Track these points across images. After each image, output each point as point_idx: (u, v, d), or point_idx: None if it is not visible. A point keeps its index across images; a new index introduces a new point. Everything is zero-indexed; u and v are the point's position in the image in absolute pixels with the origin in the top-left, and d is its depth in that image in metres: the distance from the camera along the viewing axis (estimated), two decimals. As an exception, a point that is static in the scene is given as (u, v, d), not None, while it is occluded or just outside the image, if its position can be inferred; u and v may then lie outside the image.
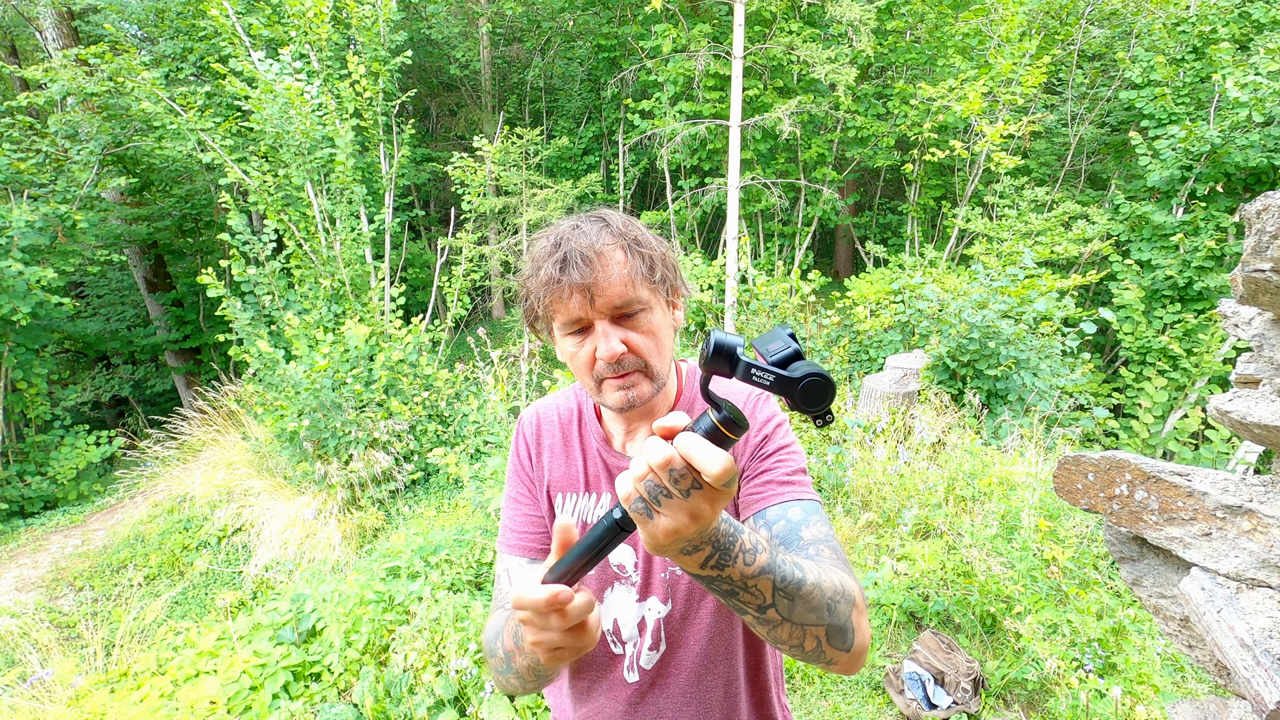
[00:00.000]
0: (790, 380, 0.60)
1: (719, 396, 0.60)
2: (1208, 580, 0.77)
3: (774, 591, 0.65)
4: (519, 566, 0.97)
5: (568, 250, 0.84)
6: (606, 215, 0.90)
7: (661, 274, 0.90)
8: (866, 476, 3.64)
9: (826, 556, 0.79)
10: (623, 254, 0.86)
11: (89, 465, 6.56)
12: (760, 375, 0.60)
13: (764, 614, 0.66)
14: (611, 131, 11.50)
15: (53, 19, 8.22)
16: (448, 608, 2.55)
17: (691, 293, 1.03)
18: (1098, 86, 9.17)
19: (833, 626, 0.69)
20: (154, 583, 4.53)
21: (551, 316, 0.87)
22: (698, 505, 0.56)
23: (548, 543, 0.98)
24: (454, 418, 5.43)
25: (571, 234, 0.86)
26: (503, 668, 0.82)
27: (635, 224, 0.91)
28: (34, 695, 2.47)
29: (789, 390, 0.61)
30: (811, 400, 0.60)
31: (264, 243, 5.68)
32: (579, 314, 0.85)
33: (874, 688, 2.58)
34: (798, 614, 0.67)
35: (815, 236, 9.96)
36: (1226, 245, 6.48)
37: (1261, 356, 0.77)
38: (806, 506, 0.87)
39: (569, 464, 1.00)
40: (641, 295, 0.86)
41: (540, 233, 0.92)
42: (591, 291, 0.83)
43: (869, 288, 7.01)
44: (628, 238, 0.88)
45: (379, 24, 6.46)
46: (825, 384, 0.60)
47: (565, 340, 0.88)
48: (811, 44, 7.78)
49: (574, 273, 0.82)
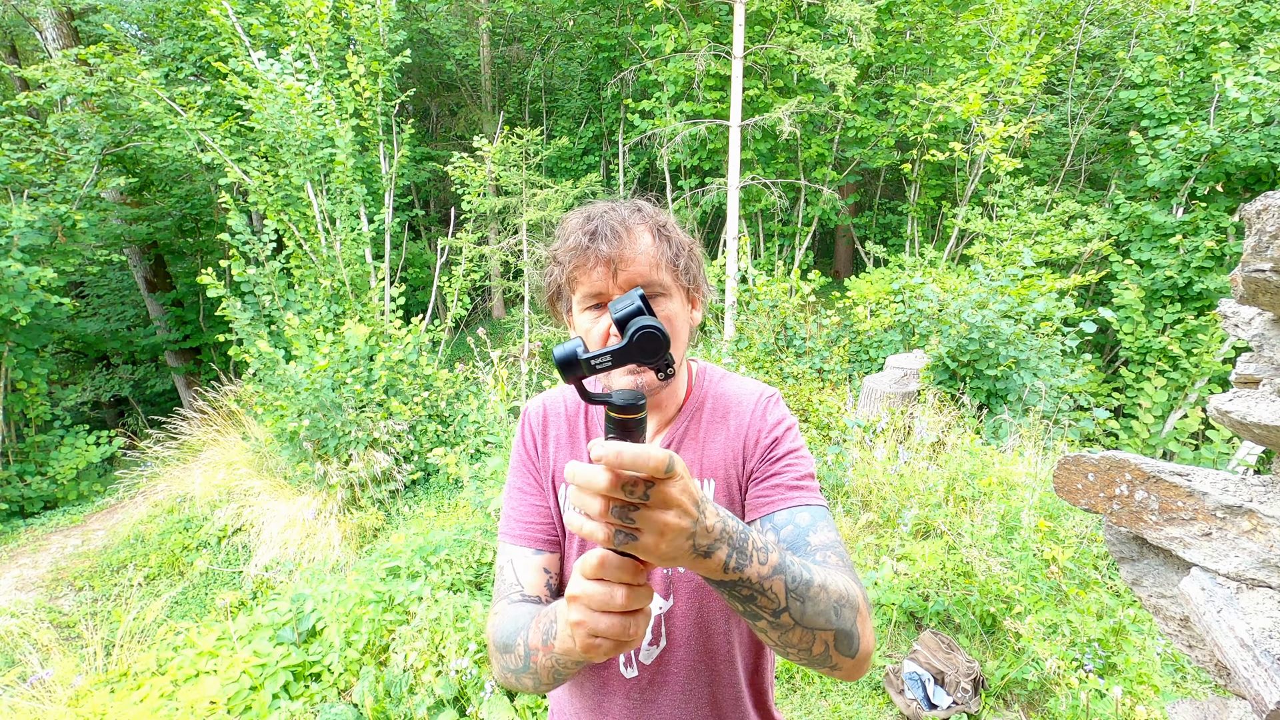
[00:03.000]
0: (623, 348, 0.63)
1: (598, 393, 0.62)
2: (1208, 580, 0.77)
3: (787, 593, 0.64)
4: (525, 557, 0.95)
5: (599, 224, 0.87)
6: (640, 203, 0.94)
7: (686, 265, 0.92)
8: (866, 476, 3.64)
9: (833, 562, 0.79)
10: (651, 236, 0.89)
11: (89, 465, 6.56)
12: (599, 361, 0.63)
13: (778, 618, 0.65)
14: (611, 131, 11.50)
15: (53, 19, 8.22)
16: (448, 608, 2.55)
17: (712, 295, 1.04)
18: (1098, 86, 9.17)
19: (840, 631, 0.69)
20: (154, 583, 4.53)
21: (574, 286, 0.89)
22: (665, 496, 0.54)
23: (555, 533, 0.97)
24: (454, 418, 5.43)
25: (605, 211, 0.90)
26: (518, 666, 0.79)
27: (668, 215, 0.95)
28: (34, 695, 2.47)
29: (628, 356, 0.63)
30: (647, 351, 0.63)
31: (264, 243, 5.68)
32: (601, 287, 0.87)
33: (874, 688, 2.58)
34: (808, 617, 0.66)
35: (815, 236, 9.96)
36: (1226, 245, 6.47)
37: (1261, 356, 0.77)
38: (815, 512, 0.87)
39: (575, 454, 0.99)
40: (664, 280, 0.89)
41: (572, 210, 0.95)
42: (616, 264, 0.85)
43: (869, 288, 7.01)
44: (659, 222, 0.92)
45: (378, 24, 6.46)
46: (656, 333, 0.62)
47: (582, 315, 0.90)
48: (811, 44, 7.78)
49: (602, 244, 0.85)
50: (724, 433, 0.95)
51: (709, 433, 0.96)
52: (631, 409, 0.58)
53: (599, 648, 0.59)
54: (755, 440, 0.94)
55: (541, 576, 0.94)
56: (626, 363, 0.63)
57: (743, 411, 0.96)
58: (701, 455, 0.95)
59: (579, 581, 0.59)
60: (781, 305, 5.66)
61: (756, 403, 0.97)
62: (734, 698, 0.97)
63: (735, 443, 0.94)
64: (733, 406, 0.97)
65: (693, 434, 0.96)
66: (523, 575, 0.93)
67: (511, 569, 0.95)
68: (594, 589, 0.58)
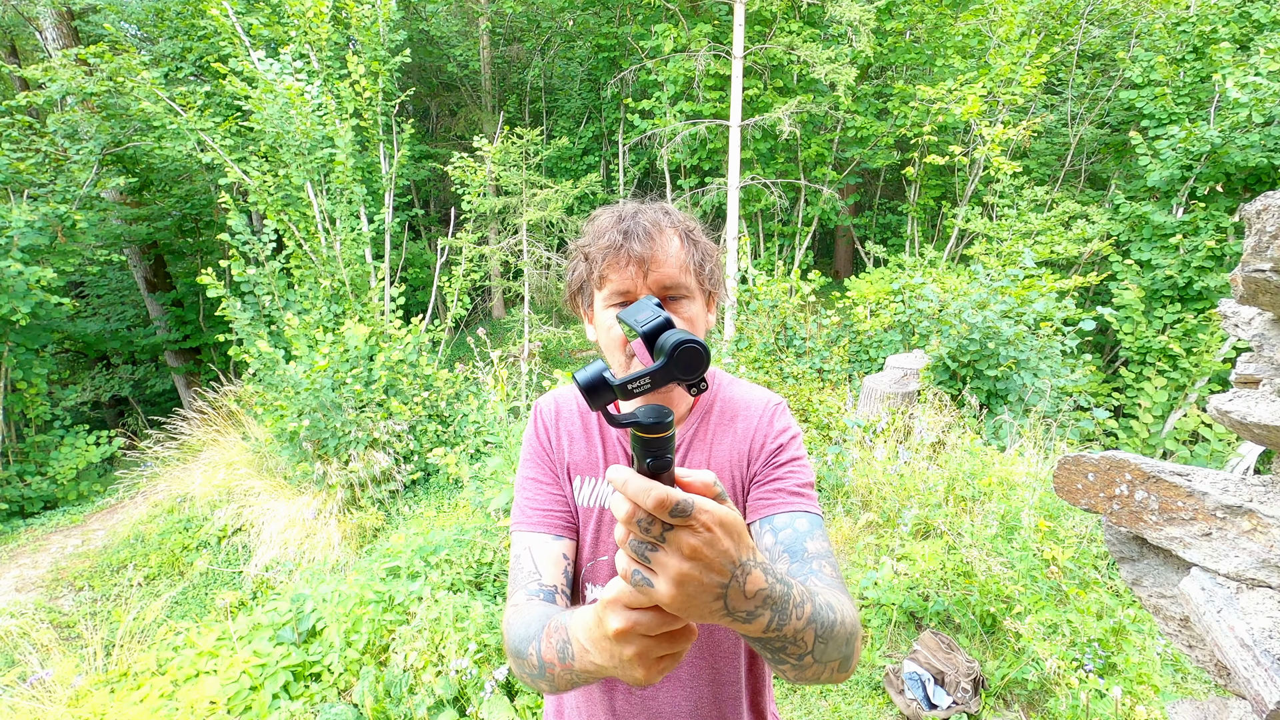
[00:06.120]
0: (663, 367, 0.59)
1: (622, 414, 0.57)
2: (1208, 580, 0.77)
3: (815, 640, 0.63)
4: (543, 543, 0.94)
5: (632, 224, 0.90)
6: (668, 207, 0.97)
7: (710, 270, 0.95)
8: (866, 476, 3.64)
9: (827, 573, 0.81)
10: (680, 240, 0.92)
11: (89, 465, 6.56)
12: (637, 385, 0.58)
13: (802, 661, 0.64)
14: (611, 131, 11.50)
15: (52, 19, 8.22)
16: (448, 608, 2.55)
17: (726, 299, 1.05)
18: (1098, 86, 9.16)
19: (845, 658, 0.70)
20: (154, 583, 4.53)
21: (603, 283, 0.91)
22: (680, 543, 0.49)
23: (573, 521, 0.98)
24: (454, 418, 5.43)
25: (637, 212, 0.92)
26: (533, 673, 0.75)
27: (695, 221, 0.98)
28: (34, 695, 2.47)
29: (669, 375, 0.59)
30: (689, 368, 0.59)
31: (264, 243, 5.68)
32: (629, 285, 0.89)
33: (874, 688, 2.58)
34: (828, 655, 0.66)
35: (815, 236, 9.96)
36: (1226, 245, 6.47)
37: (1261, 356, 0.77)
38: (812, 520, 0.89)
39: (589, 448, 1.00)
40: (689, 283, 0.92)
41: (603, 209, 0.97)
42: (648, 264, 0.88)
43: (869, 288, 7.01)
44: (687, 227, 0.95)
45: (378, 24, 6.46)
46: (699, 350, 0.59)
47: (605, 313, 0.92)
48: (811, 44, 7.78)
49: (635, 244, 0.88)
50: (731, 435, 0.97)
51: (717, 435, 0.98)
52: (659, 427, 0.52)
53: (665, 669, 0.55)
54: (761, 445, 0.96)
55: (560, 564, 0.94)
56: (667, 383, 0.59)
57: (751, 416, 0.98)
58: (709, 456, 0.96)
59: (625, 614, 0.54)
60: (781, 305, 5.66)
61: (764, 409, 0.99)
62: (734, 695, 0.98)
63: (742, 445, 0.96)
64: (741, 411, 0.99)
65: (702, 435, 0.98)
66: (540, 563, 0.93)
67: (529, 556, 0.94)
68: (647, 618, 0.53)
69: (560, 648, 0.69)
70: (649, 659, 0.54)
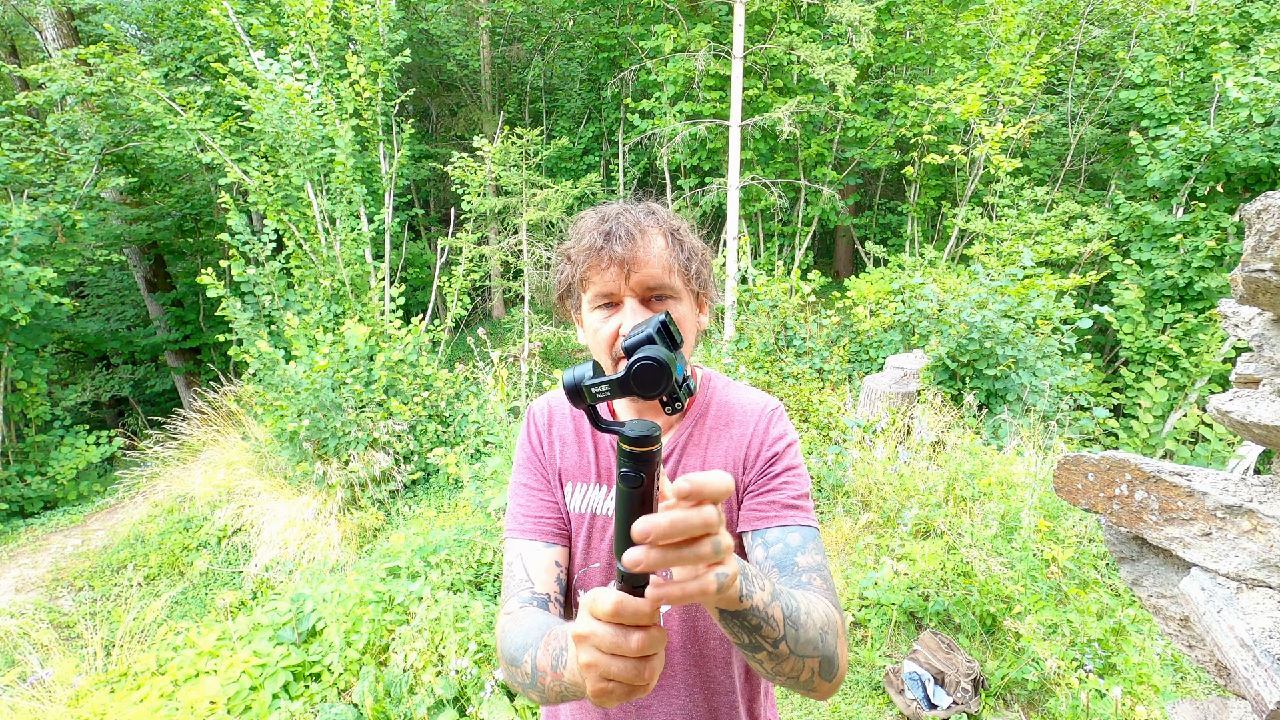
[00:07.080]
0: (621, 378, 0.58)
1: (610, 421, 0.56)
2: (1208, 580, 0.77)
3: (784, 620, 0.65)
4: (535, 551, 0.94)
5: (613, 225, 0.88)
6: (655, 206, 0.95)
7: (697, 270, 0.93)
8: (866, 476, 3.64)
9: (818, 585, 0.80)
10: (664, 240, 0.90)
11: (89, 465, 6.56)
12: (600, 390, 0.59)
13: (777, 648, 0.66)
14: (611, 131, 11.50)
15: (52, 19, 8.22)
16: (448, 608, 2.55)
17: (719, 300, 1.04)
18: (1098, 86, 9.16)
19: (824, 658, 0.70)
20: (154, 583, 4.53)
21: (585, 285, 0.90)
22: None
23: (564, 528, 0.98)
24: (454, 418, 5.43)
25: (620, 213, 0.90)
26: (525, 681, 0.75)
27: (682, 220, 0.96)
28: (34, 695, 2.47)
29: (625, 388, 0.59)
30: (644, 385, 0.58)
31: (264, 243, 5.68)
32: (612, 287, 0.88)
33: (874, 688, 2.58)
34: (800, 644, 0.67)
35: (815, 236, 9.96)
36: (1226, 245, 6.47)
37: (1261, 356, 0.77)
38: (805, 533, 0.88)
39: (581, 453, 0.99)
40: (675, 283, 0.90)
41: (588, 210, 0.96)
42: (629, 266, 0.86)
43: (869, 288, 7.01)
44: (672, 226, 0.93)
45: (378, 24, 6.46)
46: (654, 365, 0.58)
47: (591, 315, 0.91)
48: (811, 44, 7.78)
49: (616, 245, 0.86)
50: (727, 440, 0.96)
51: (712, 439, 0.96)
52: (645, 441, 0.51)
53: (611, 693, 0.55)
54: (757, 452, 0.94)
55: (553, 571, 0.94)
56: (626, 394, 0.60)
57: (747, 421, 0.96)
58: (704, 460, 0.95)
59: (588, 620, 0.54)
60: (781, 305, 5.66)
61: (761, 414, 0.97)
62: (729, 704, 0.97)
63: (737, 451, 0.95)
64: (737, 415, 0.97)
65: (696, 439, 0.96)
66: (533, 570, 0.93)
67: (521, 564, 0.94)
68: (605, 631, 0.53)
69: (556, 655, 0.69)
70: (597, 672, 0.54)
